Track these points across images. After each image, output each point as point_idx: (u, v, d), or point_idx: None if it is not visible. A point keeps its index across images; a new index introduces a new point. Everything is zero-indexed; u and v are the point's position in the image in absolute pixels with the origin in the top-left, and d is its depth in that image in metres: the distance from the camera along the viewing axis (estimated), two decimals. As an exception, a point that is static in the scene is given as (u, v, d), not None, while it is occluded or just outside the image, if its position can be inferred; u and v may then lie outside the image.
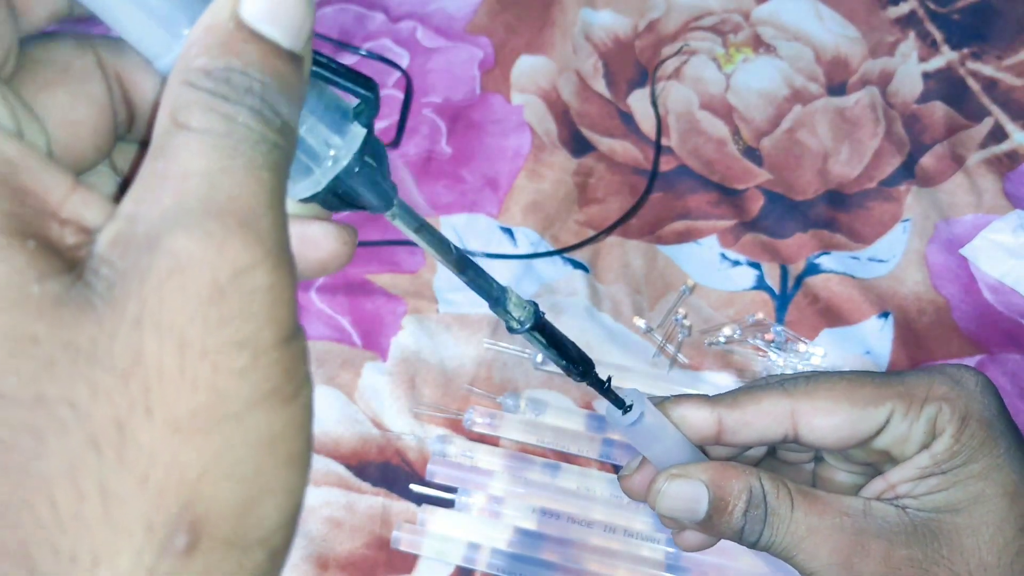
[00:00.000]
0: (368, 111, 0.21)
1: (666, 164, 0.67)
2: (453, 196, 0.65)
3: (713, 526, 0.31)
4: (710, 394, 0.33)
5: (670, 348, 0.58)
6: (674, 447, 0.32)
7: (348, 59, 0.72)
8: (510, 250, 0.63)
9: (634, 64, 0.72)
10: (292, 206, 0.22)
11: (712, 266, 0.62)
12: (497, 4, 0.75)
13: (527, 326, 0.27)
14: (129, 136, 0.22)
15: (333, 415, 0.55)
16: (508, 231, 0.63)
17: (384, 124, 0.69)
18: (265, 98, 0.17)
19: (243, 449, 0.16)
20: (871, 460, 0.33)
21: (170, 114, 0.17)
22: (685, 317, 0.60)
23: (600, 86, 0.71)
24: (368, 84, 0.21)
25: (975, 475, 0.30)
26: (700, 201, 0.65)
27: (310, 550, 0.51)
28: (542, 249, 0.63)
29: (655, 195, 0.65)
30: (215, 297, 0.16)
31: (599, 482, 0.53)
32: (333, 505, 0.52)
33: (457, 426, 0.55)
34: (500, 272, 0.62)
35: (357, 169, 0.21)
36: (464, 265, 0.26)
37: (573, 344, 0.29)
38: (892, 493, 0.31)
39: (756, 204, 0.65)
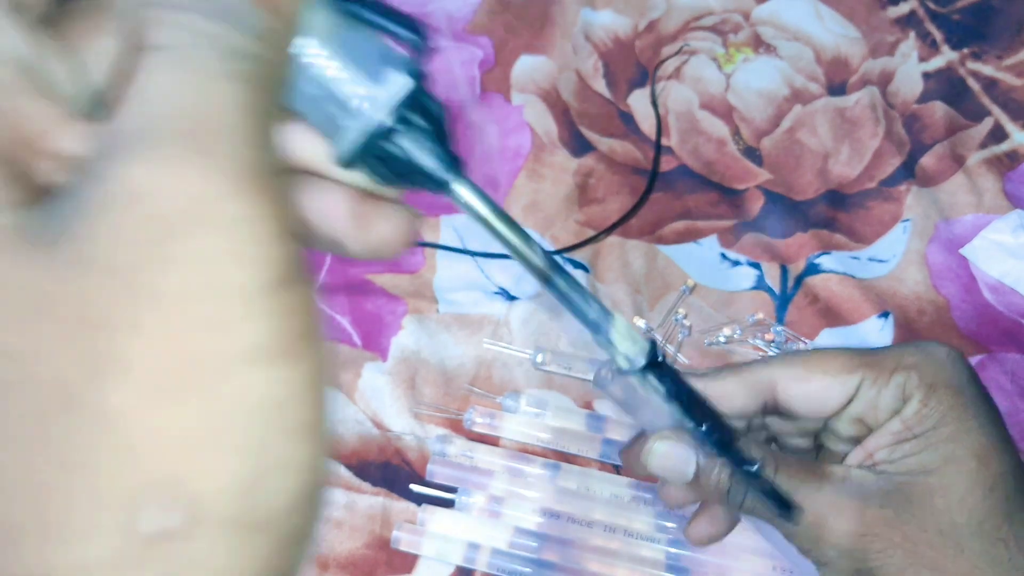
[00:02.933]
0: (416, 57, 0.18)
1: (666, 164, 0.67)
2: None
3: (700, 488, 0.33)
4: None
5: (670, 348, 0.58)
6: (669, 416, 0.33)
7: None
8: (510, 250, 0.63)
9: (634, 64, 0.72)
10: (346, 176, 0.19)
11: (712, 266, 0.62)
12: (497, 4, 0.75)
13: (640, 366, 0.22)
14: None
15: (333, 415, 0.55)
16: (508, 231, 0.63)
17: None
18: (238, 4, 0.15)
19: (239, 416, 0.14)
20: (854, 432, 0.34)
21: (130, 34, 0.15)
22: (685, 317, 0.60)
23: (600, 86, 0.71)
24: (414, 26, 0.18)
25: (945, 438, 0.31)
26: (700, 201, 0.65)
27: (310, 550, 0.51)
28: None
29: (655, 195, 0.65)
30: (177, 234, 0.14)
31: (599, 482, 0.53)
32: (333, 505, 0.52)
33: (457, 426, 0.55)
34: (500, 272, 0.62)
35: (400, 128, 0.18)
36: (553, 273, 0.21)
37: (693, 393, 0.25)
38: (871, 460, 0.33)
39: (756, 204, 0.65)
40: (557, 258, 0.21)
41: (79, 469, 0.13)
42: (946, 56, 0.71)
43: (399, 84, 0.18)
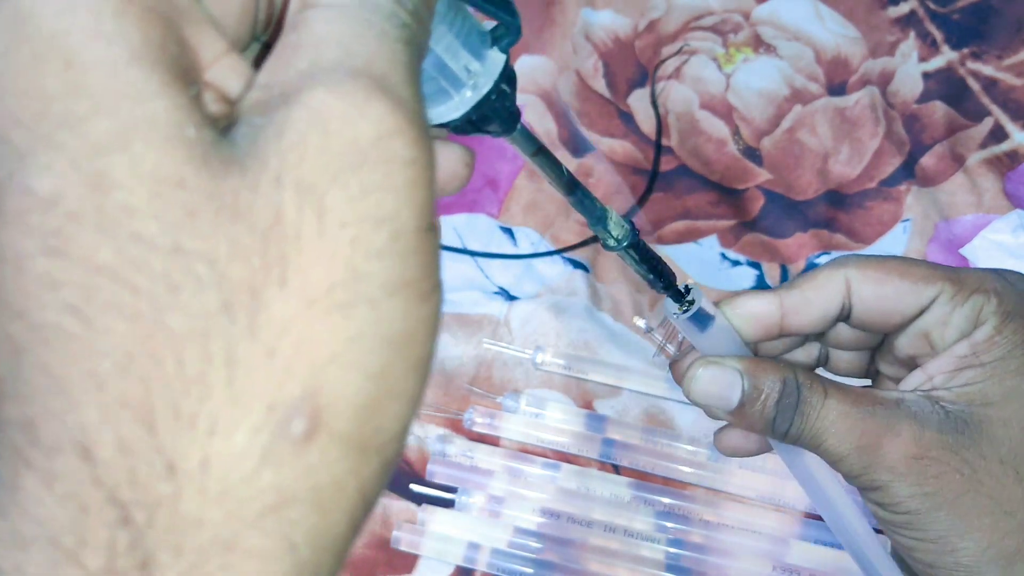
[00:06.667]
0: (510, 37, 0.21)
1: (666, 164, 0.67)
2: (453, 196, 0.65)
3: (744, 415, 0.31)
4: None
5: (670, 348, 0.58)
6: (727, 343, 0.33)
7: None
8: (510, 250, 0.63)
9: (634, 64, 0.72)
10: None
11: (712, 266, 0.62)
12: (497, 4, 0.75)
13: (624, 244, 0.29)
14: (263, 37, 0.21)
15: (333, 415, 0.55)
16: (508, 231, 0.63)
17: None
18: None
19: (375, 341, 0.15)
20: (915, 351, 0.33)
21: None
22: (685, 317, 0.60)
23: (600, 86, 0.71)
24: (509, 8, 0.21)
25: (1012, 371, 0.30)
26: (700, 201, 0.65)
27: (310, 550, 0.51)
28: (542, 249, 0.63)
29: (655, 195, 0.65)
30: (356, 162, 0.15)
31: (599, 482, 0.53)
32: (333, 505, 0.52)
33: (457, 426, 0.55)
34: (500, 272, 0.62)
35: (494, 96, 0.21)
36: (574, 187, 0.27)
37: (661, 260, 0.31)
38: (929, 384, 0.31)
39: (756, 204, 0.65)
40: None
41: (237, 367, 0.14)
42: (946, 56, 0.71)
43: (497, 62, 0.21)
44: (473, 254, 0.62)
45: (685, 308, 0.32)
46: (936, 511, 0.29)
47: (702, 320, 0.32)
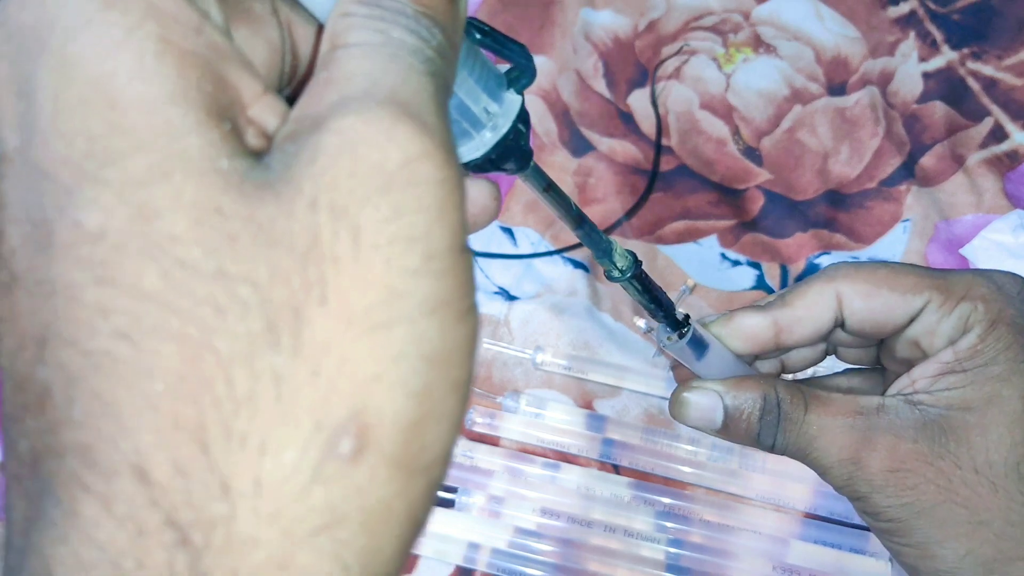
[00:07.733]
0: (525, 79, 0.22)
1: (666, 164, 0.67)
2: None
3: (730, 433, 0.33)
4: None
5: (670, 348, 0.58)
6: (722, 364, 0.34)
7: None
8: (510, 250, 0.63)
9: (634, 64, 0.72)
10: None
11: (712, 266, 0.62)
12: (497, 4, 0.75)
13: (628, 275, 0.30)
14: (286, 90, 0.22)
15: (333, 415, 0.55)
16: (508, 231, 0.63)
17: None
18: (418, 21, 0.17)
19: (416, 360, 0.15)
20: (909, 355, 0.33)
21: (329, 40, 0.17)
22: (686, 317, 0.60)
23: (600, 86, 0.71)
24: (523, 51, 0.22)
25: (994, 377, 0.30)
26: (700, 201, 0.65)
27: (310, 550, 0.51)
28: (542, 249, 0.63)
29: (655, 195, 0.65)
30: (385, 184, 0.15)
31: (599, 482, 0.53)
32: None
33: (457, 426, 0.55)
34: (500, 272, 0.62)
35: (512, 136, 0.22)
36: (582, 221, 0.28)
37: (661, 290, 0.32)
38: (911, 389, 0.32)
39: (756, 204, 0.65)
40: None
41: (284, 385, 0.15)
42: (946, 56, 0.71)
43: (514, 102, 0.22)
44: (473, 254, 0.62)
45: (680, 336, 0.33)
46: (915, 520, 0.30)
47: (697, 346, 0.33)
